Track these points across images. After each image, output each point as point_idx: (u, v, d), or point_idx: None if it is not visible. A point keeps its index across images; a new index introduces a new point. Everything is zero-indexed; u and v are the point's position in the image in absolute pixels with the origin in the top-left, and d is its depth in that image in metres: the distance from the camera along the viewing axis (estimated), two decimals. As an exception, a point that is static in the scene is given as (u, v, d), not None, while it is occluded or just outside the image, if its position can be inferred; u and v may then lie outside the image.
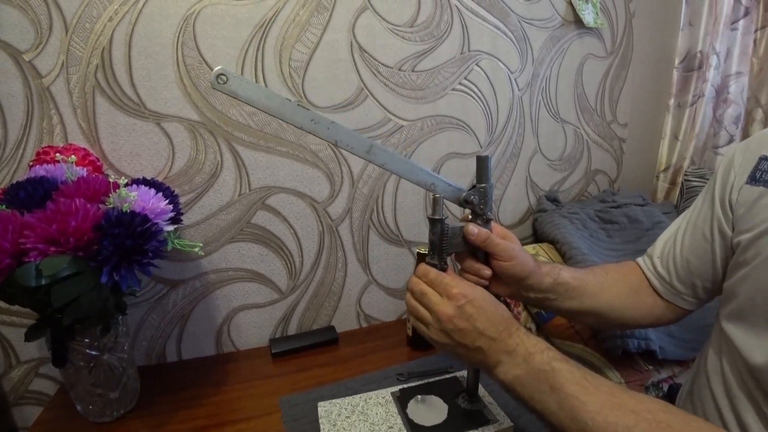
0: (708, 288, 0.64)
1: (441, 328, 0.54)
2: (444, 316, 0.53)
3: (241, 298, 0.99)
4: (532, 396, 0.49)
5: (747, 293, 0.54)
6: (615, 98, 1.36)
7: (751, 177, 0.56)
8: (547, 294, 0.65)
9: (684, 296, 0.66)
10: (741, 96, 1.26)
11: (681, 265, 0.65)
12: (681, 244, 0.66)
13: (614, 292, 0.69)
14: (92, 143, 0.83)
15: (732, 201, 0.58)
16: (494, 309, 0.54)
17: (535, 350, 0.51)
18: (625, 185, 1.44)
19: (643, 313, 0.69)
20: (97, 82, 0.81)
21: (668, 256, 0.67)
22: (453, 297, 0.53)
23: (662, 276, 0.68)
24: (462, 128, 1.11)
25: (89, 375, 0.73)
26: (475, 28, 1.07)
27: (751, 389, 0.53)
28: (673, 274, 0.66)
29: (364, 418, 0.72)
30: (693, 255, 0.64)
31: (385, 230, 1.08)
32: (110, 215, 0.61)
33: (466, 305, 0.53)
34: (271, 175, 0.95)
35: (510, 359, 0.51)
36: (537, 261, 0.65)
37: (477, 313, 0.53)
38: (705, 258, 0.62)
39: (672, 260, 0.67)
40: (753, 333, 0.53)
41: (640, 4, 1.32)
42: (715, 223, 0.61)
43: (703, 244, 0.62)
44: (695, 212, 0.66)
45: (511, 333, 0.53)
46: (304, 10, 0.90)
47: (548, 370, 0.49)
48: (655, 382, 0.90)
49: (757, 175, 0.55)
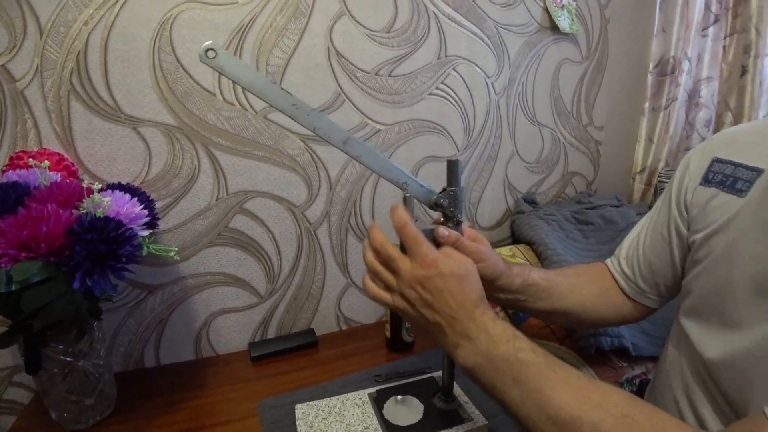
0: (669, 286, 0.66)
1: (402, 293, 0.52)
2: (409, 282, 0.51)
3: (219, 302, 0.99)
4: (494, 385, 0.48)
5: (700, 290, 0.56)
6: (591, 102, 1.39)
7: (704, 178, 0.58)
8: (517, 295, 0.66)
9: (648, 295, 0.68)
10: (712, 100, 1.30)
11: (644, 265, 0.67)
12: (643, 244, 0.68)
13: (584, 293, 0.70)
14: (67, 148, 0.82)
15: (687, 202, 0.60)
16: (463, 287, 0.51)
17: (500, 339, 0.48)
18: (602, 187, 1.47)
19: (612, 313, 0.71)
20: (72, 86, 0.80)
21: (632, 257, 0.69)
22: (423, 264, 0.51)
23: (628, 276, 0.70)
24: (439, 132, 1.12)
25: (63, 382, 0.72)
26: (452, 33, 1.08)
27: (706, 383, 0.55)
28: (637, 274, 0.68)
29: (340, 420, 0.73)
30: (654, 255, 0.66)
31: (363, 233, 1.09)
32: (83, 220, 0.61)
33: (434, 277, 0.50)
34: (248, 180, 0.95)
35: (470, 344, 0.49)
36: (507, 263, 0.66)
37: (444, 286, 0.50)
38: (665, 257, 0.64)
39: (636, 260, 0.69)
40: (707, 328, 0.54)
41: (614, 10, 1.35)
42: (672, 224, 0.63)
43: (663, 245, 0.64)
44: (655, 214, 0.68)
45: (474, 317, 0.50)
46: (282, 16, 0.91)
47: (513, 361, 0.47)
48: (629, 378, 0.92)
49: (710, 176, 0.57)
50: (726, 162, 0.56)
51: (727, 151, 0.57)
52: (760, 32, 1.14)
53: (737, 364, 0.49)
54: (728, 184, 0.54)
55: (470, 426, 0.70)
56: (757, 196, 0.50)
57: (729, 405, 0.51)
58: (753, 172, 0.52)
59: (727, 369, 0.51)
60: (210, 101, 0.89)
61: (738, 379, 0.49)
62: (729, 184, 0.54)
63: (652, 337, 0.96)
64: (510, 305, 0.70)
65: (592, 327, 0.83)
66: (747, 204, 0.51)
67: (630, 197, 1.41)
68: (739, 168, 0.54)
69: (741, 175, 0.53)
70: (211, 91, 0.89)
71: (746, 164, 0.53)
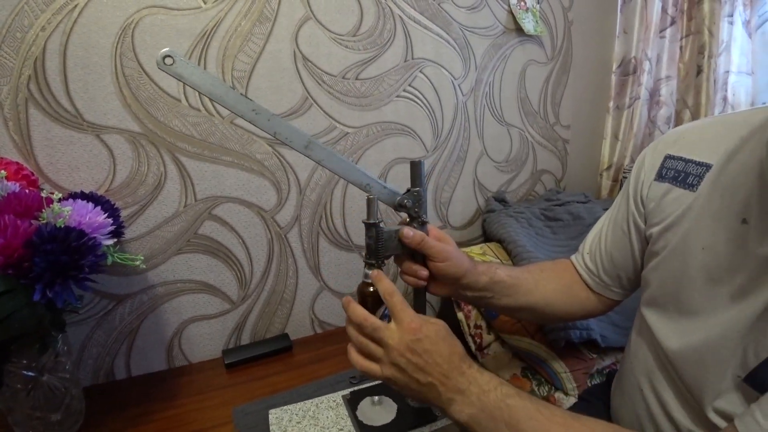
0: (631, 279, 0.68)
1: (393, 362, 0.52)
2: (398, 349, 0.52)
3: (191, 310, 0.98)
4: None
5: (658, 281, 0.58)
6: (557, 102, 1.42)
7: (659, 174, 0.60)
8: (483, 292, 0.67)
9: (612, 288, 0.70)
10: (671, 98, 1.34)
11: (606, 259, 0.69)
12: (605, 239, 0.70)
13: (549, 288, 0.72)
14: (26, 157, 0.80)
15: (643, 196, 0.62)
16: (448, 345, 0.53)
17: (488, 387, 0.51)
18: (571, 184, 1.51)
19: (577, 307, 0.73)
20: (30, 93, 0.79)
21: (595, 252, 0.72)
22: (409, 330, 0.52)
23: (591, 270, 0.72)
24: (408, 134, 1.13)
25: (28, 398, 0.70)
26: (418, 36, 1.10)
27: (668, 370, 0.57)
28: (600, 268, 0.70)
29: (314, 423, 0.73)
30: (615, 249, 0.68)
31: (334, 236, 1.09)
32: (42, 231, 0.60)
33: (422, 339, 0.52)
34: (217, 185, 0.94)
35: (463, 398, 0.51)
36: (474, 261, 0.67)
37: (432, 347, 0.52)
38: (625, 251, 0.66)
39: (598, 255, 0.71)
40: (666, 318, 0.57)
41: (577, 13, 1.39)
42: (630, 218, 0.65)
43: (623, 238, 0.66)
44: (615, 209, 0.70)
45: (463, 371, 0.52)
46: (246, 21, 0.91)
47: (503, 407, 0.49)
48: (600, 369, 0.94)
49: (663, 172, 0.60)
50: (677, 158, 0.58)
51: (677, 147, 0.60)
52: (712, 33, 1.18)
53: (694, 353, 0.52)
54: (680, 179, 0.57)
55: (442, 423, 0.71)
56: (706, 189, 0.53)
57: (689, 391, 0.53)
58: (702, 167, 0.55)
59: (685, 357, 0.53)
60: (175, 107, 0.88)
61: (695, 366, 0.51)
62: (681, 179, 0.57)
63: (621, 328, 0.98)
64: (476, 302, 0.72)
65: (558, 321, 0.85)
66: (697, 197, 0.54)
67: (598, 193, 1.45)
68: (690, 164, 0.56)
69: (692, 171, 0.56)
70: (176, 96, 0.88)
71: (696, 160, 0.56)
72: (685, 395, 0.54)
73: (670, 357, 0.55)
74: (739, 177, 0.50)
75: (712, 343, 0.50)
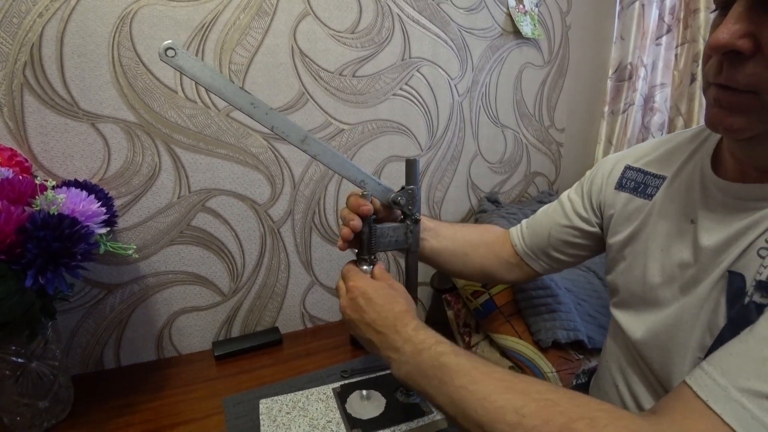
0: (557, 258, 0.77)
1: (343, 317, 0.60)
2: (341, 306, 0.60)
3: (182, 301, 0.98)
4: (425, 391, 0.50)
5: (626, 284, 0.64)
6: (552, 105, 1.43)
7: (618, 183, 0.67)
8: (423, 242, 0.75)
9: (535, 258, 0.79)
10: (665, 105, 1.36)
11: (540, 233, 0.78)
12: (547, 216, 0.78)
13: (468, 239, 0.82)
14: (20, 143, 0.80)
15: (600, 201, 0.70)
16: (385, 303, 0.57)
17: (423, 346, 0.51)
18: (564, 187, 1.52)
19: (494, 262, 0.82)
20: (26, 79, 0.78)
21: (535, 224, 0.80)
22: (349, 289, 0.59)
23: (524, 236, 0.80)
24: (403, 132, 1.14)
25: (16, 384, 0.70)
26: (416, 35, 1.10)
27: (638, 362, 0.61)
28: (533, 238, 0.79)
29: (304, 414, 0.74)
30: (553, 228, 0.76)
31: (327, 231, 1.09)
32: (36, 218, 0.60)
33: (358, 297, 0.58)
34: (211, 178, 0.94)
35: (398, 356, 0.52)
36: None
37: (366, 305, 0.57)
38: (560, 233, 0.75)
39: (536, 226, 0.79)
40: (634, 314, 0.62)
41: (575, 17, 1.39)
42: (577, 210, 0.74)
43: (563, 222, 0.75)
44: (567, 196, 0.78)
45: (398, 329, 0.54)
46: (245, 14, 0.91)
47: (437, 365, 0.49)
48: (586, 370, 0.95)
49: (623, 182, 0.67)
50: (636, 170, 0.65)
51: (635, 160, 0.67)
52: (707, 41, 1.20)
53: (659, 340, 0.56)
54: (640, 190, 0.64)
55: (430, 419, 0.72)
56: (660, 197, 0.60)
57: (658, 381, 0.57)
58: (659, 179, 0.62)
59: (649, 345, 0.57)
60: (171, 98, 0.88)
61: (660, 353, 0.56)
62: (641, 190, 0.64)
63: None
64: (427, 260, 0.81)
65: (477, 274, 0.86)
66: (653, 204, 0.61)
67: (589, 197, 1.46)
68: (648, 176, 0.63)
69: (650, 182, 0.63)
70: (173, 88, 0.88)
71: (653, 172, 0.63)
72: (655, 385, 0.58)
73: (638, 347, 0.59)
74: (687, 183, 0.57)
75: (670, 328, 0.54)
